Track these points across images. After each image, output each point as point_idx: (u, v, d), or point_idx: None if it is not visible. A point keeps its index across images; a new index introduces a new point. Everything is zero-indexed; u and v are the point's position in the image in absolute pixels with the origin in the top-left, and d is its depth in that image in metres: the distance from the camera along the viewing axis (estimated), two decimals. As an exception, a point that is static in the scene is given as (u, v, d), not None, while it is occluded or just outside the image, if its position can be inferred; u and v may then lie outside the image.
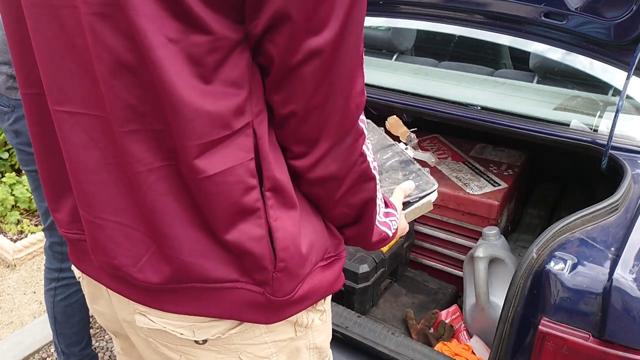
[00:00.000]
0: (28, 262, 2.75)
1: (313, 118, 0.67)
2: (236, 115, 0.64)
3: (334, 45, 0.62)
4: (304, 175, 0.73)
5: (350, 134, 0.71)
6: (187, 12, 0.57)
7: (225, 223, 0.68)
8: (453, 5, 1.84)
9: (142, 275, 0.73)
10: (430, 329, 1.70)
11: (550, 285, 0.97)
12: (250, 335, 0.79)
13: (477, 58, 2.19)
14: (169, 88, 0.60)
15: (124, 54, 0.61)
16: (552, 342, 0.95)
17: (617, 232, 1.05)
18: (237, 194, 0.67)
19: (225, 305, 0.74)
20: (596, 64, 1.60)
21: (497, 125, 1.52)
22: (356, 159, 0.74)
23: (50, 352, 2.21)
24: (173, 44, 0.59)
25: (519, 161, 1.98)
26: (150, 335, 0.81)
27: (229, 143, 0.65)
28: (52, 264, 1.71)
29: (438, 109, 1.62)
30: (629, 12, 1.46)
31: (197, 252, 0.70)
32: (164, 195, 0.67)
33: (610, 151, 1.30)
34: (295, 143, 0.70)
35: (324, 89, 0.65)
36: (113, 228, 0.73)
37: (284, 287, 0.73)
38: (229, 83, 0.63)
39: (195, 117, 0.62)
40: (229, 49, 0.61)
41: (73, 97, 0.69)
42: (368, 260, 1.63)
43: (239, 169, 0.66)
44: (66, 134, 0.72)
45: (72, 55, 0.67)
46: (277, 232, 0.70)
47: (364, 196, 0.78)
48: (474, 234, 1.82)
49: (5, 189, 2.93)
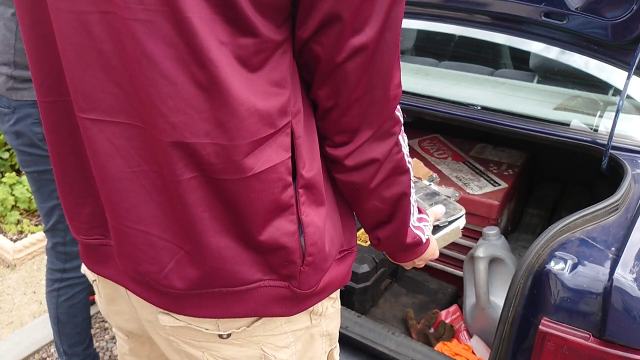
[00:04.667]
0: (28, 262, 2.75)
1: (354, 110, 0.71)
2: (280, 115, 0.67)
3: (376, 42, 0.66)
4: (344, 162, 0.76)
5: (388, 122, 0.74)
6: (239, 16, 0.60)
7: (261, 221, 0.70)
8: (453, 5, 1.84)
9: (167, 282, 0.74)
10: (431, 329, 1.70)
11: (550, 285, 0.97)
12: (272, 327, 0.81)
13: (477, 58, 2.19)
14: (226, 87, 0.62)
15: (163, 63, 0.61)
16: (552, 342, 0.95)
17: (617, 232, 1.05)
18: (277, 191, 0.69)
19: (250, 305, 0.76)
20: (596, 64, 1.60)
21: (497, 125, 1.52)
22: (392, 147, 0.77)
23: (51, 352, 2.20)
24: (224, 46, 0.61)
25: (519, 161, 1.98)
26: (173, 333, 0.82)
27: (272, 142, 0.68)
28: (55, 264, 1.71)
29: (438, 109, 1.62)
30: (629, 12, 1.45)
31: (224, 258, 0.71)
32: (194, 206, 0.68)
33: (610, 151, 1.30)
34: (337, 133, 0.74)
35: (364, 82, 0.69)
36: (137, 236, 0.74)
37: (309, 280, 0.76)
38: (274, 83, 0.66)
39: (248, 116, 0.64)
40: (272, 50, 0.64)
41: (98, 104, 0.69)
42: (368, 260, 1.63)
43: (281, 167, 0.69)
44: (91, 141, 0.72)
45: (99, 62, 0.67)
46: (307, 228, 0.73)
47: (398, 190, 0.81)
48: (474, 233, 1.82)
49: (5, 189, 2.92)
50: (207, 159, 0.66)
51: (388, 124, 0.75)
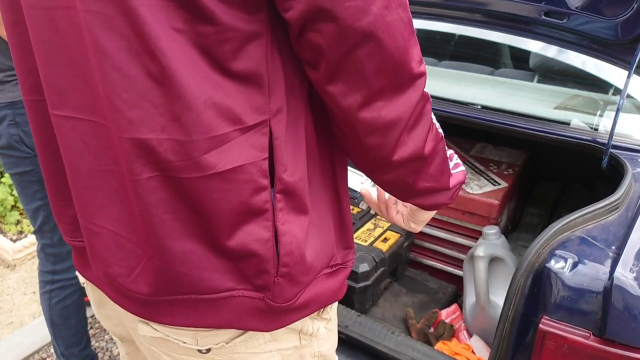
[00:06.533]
0: (28, 262, 2.74)
1: (379, 102, 0.64)
2: (250, 111, 0.62)
3: (383, 20, 0.59)
4: (391, 159, 0.69)
5: (420, 104, 0.67)
6: (193, 1, 0.56)
7: (229, 225, 0.66)
8: (453, 4, 1.84)
9: (134, 287, 0.71)
10: (430, 329, 1.70)
11: (550, 284, 0.96)
12: (255, 344, 0.77)
13: (477, 57, 2.19)
14: (179, 79, 0.58)
15: (116, 56, 0.59)
16: (552, 340, 0.95)
17: (617, 231, 1.05)
18: (246, 194, 0.65)
19: (223, 315, 0.72)
20: (597, 63, 1.60)
21: (497, 125, 1.52)
22: (428, 130, 0.71)
23: (50, 352, 2.20)
24: (180, 34, 0.57)
25: (519, 160, 1.98)
26: (153, 343, 0.79)
27: (243, 140, 0.63)
28: (45, 266, 1.69)
29: (438, 108, 1.61)
30: (629, 11, 1.45)
31: (190, 264, 0.68)
32: (155, 207, 0.65)
33: (610, 150, 1.30)
34: (369, 135, 0.67)
35: (383, 67, 0.61)
36: (108, 236, 0.72)
37: (285, 293, 0.71)
38: (243, 76, 0.61)
39: (205, 109, 0.60)
40: (240, 41, 0.59)
41: (68, 101, 0.68)
42: (368, 259, 1.63)
43: (251, 168, 0.64)
44: (63, 138, 0.71)
45: (66, 58, 0.65)
46: (283, 236, 0.68)
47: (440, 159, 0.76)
48: (474, 233, 1.81)
49: (5, 189, 2.92)
50: (165, 156, 0.62)
51: (420, 105, 0.67)
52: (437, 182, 0.78)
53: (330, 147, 0.75)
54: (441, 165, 0.77)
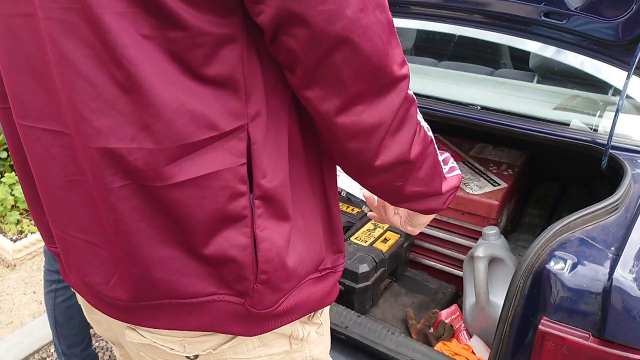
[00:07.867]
0: (28, 262, 2.74)
1: (359, 106, 0.62)
2: (226, 117, 0.61)
3: (358, 23, 0.57)
4: (373, 165, 0.68)
5: (403, 106, 0.66)
6: (161, 7, 0.55)
7: (206, 231, 0.65)
8: (453, 5, 1.84)
9: (114, 294, 0.71)
10: (430, 329, 1.70)
11: (550, 284, 0.96)
12: (244, 350, 0.76)
13: (477, 57, 2.19)
14: (147, 86, 0.57)
15: (82, 64, 0.57)
16: (552, 341, 0.95)
17: (617, 232, 1.05)
18: (222, 200, 0.63)
19: (205, 318, 0.71)
20: (596, 64, 1.60)
21: (497, 125, 1.52)
22: (414, 132, 0.69)
23: (50, 352, 2.20)
24: (148, 41, 0.56)
25: (519, 161, 1.98)
26: (141, 349, 0.78)
27: (219, 146, 0.62)
28: (52, 265, 1.70)
29: (438, 109, 1.61)
30: (629, 12, 1.46)
31: (169, 269, 0.67)
32: (128, 215, 0.64)
33: (610, 151, 1.30)
34: (350, 139, 0.65)
35: (361, 71, 0.59)
36: (82, 246, 0.71)
37: (264, 300, 0.70)
38: (217, 82, 0.60)
39: (177, 117, 0.58)
40: (212, 45, 0.58)
41: (31, 111, 0.66)
42: (368, 260, 1.63)
43: (227, 174, 0.63)
44: (29, 148, 0.69)
45: (28, 67, 0.64)
46: (261, 243, 0.67)
47: (430, 164, 0.75)
48: (473, 233, 1.81)
49: (5, 189, 2.92)
50: (136, 165, 0.60)
51: (403, 108, 0.65)
52: (427, 187, 0.77)
53: (318, 151, 0.74)
54: (432, 170, 0.76)
